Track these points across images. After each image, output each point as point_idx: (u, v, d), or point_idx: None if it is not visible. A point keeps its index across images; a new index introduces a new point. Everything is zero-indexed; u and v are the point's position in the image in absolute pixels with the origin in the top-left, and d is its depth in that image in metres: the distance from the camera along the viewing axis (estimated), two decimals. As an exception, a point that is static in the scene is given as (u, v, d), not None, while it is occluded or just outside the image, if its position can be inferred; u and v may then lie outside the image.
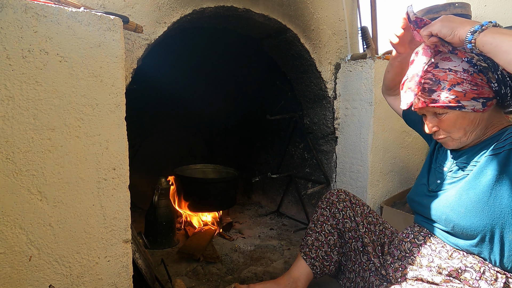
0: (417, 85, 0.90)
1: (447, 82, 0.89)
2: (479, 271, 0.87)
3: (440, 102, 0.89)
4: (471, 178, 0.90)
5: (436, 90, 0.90)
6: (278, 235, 1.97)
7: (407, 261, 1.00)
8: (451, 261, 0.91)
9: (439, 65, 0.90)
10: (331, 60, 1.84)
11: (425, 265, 0.95)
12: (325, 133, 1.93)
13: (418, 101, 0.93)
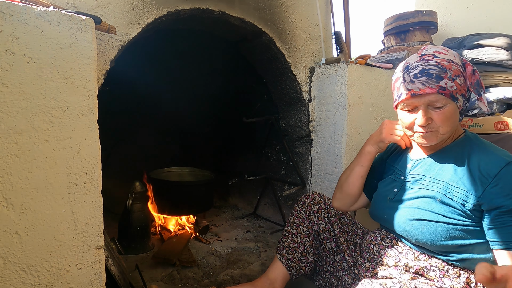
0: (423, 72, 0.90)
1: (452, 71, 0.91)
2: (443, 269, 0.92)
3: (448, 90, 0.90)
4: (430, 194, 0.94)
5: (443, 78, 0.90)
6: (255, 237, 1.97)
7: (376, 262, 1.04)
8: (417, 262, 0.95)
9: (439, 55, 0.93)
10: (306, 64, 1.87)
11: (392, 265, 0.99)
12: (300, 135, 1.95)
13: (424, 87, 0.90)
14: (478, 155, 0.92)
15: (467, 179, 0.90)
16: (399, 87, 0.97)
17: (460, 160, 0.94)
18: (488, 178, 0.86)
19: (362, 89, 1.79)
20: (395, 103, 1.01)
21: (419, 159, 1.04)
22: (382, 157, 1.20)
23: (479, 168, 0.89)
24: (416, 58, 0.96)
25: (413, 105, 0.95)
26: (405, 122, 0.98)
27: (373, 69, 1.85)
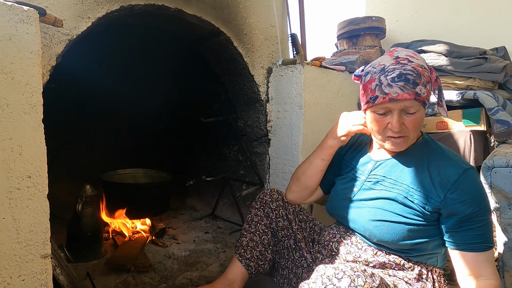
0: (401, 76, 0.88)
1: (424, 78, 0.91)
2: (399, 264, 0.98)
3: (421, 97, 0.90)
4: (392, 196, 0.97)
5: (419, 84, 0.89)
6: (213, 238, 1.95)
7: (335, 258, 1.07)
8: (376, 257, 1.00)
9: (413, 60, 0.91)
10: (264, 64, 1.89)
11: (351, 260, 1.02)
12: (258, 135, 1.97)
13: (402, 92, 0.88)
14: (437, 160, 0.95)
15: (427, 183, 0.93)
16: (374, 90, 0.93)
17: (420, 163, 0.97)
18: (447, 184, 0.90)
19: (317, 90, 1.85)
20: (366, 105, 0.97)
21: (380, 160, 1.05)
22: (340, 152, 1.19)
23: (439, 173, 0.92)
24: (390, 61, 0.93)
25: (387, 109, 0.92)
26: (377, 125, 0.96)
27: (328, 71, 1.92)
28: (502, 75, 1.87)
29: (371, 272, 0.79)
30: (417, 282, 0.95)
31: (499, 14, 2.24)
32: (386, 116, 0.94)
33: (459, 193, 0.89)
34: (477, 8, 2.32)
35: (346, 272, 0.77)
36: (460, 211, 0.88)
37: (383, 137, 0.97)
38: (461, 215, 0.88)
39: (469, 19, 2.35)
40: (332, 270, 0.78)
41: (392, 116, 0.92)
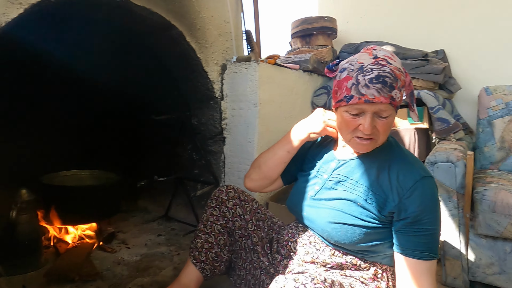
0: (379, 78, 0.85)
1: (400, 82, 0.88)
2: (356, 264, 0.99)
3: (396, 101, 0.88)
4: (352, 198, 0.96)
5: (395, 88, 0.86)
6: (167, 241, 1.88)
7: (293, 259, 1.06)
8: (333, 258, 1.00)
9: (391, 62, 0.88)
10: (218, 61, 1.85)
11: (310, 261, 1.02)
12: (213, 133, 1.92)
13: (379, 95, 0.85)
14: (398, 165, 0.94)
15: (386, 187, 0.93)
16: (350, 89, 0.89)
17: (382, 167, 0.96)
18: (404, 189, 0.90)
19: (272, 88, 1.85)
20: (340, 104, 0.93)
21: (344, 159, 1.04)
22: (304, 146, 1.16)
23: (398, 178, 0.92)
24: (369, 60, 0.89)
25: (360, 110, 0.90)
26: (348, 125, 0.93)
27: (282, 69, 1.93)
28: (442, 76, 2.00)
29: (331, 281, 0.78)
30: (372, 281, 0.98)
31: (439, 19, 2.40)
32: (358, 117, 0.91)
33: (413, 199, 0.89)
34: (420, 13, 2.47)
35: (307, 285, 0.75)
36: (409, 216, 0.89)
37: (351, 137, 0.95)
38: (409, 220, 0.89)
39: (413, 23, 2.50)
40: (292, 283, 0.76)
41: (365, 118, 0.89)
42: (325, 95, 2.21)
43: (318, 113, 1.09)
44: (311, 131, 1.09)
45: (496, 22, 2.22)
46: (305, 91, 2.16)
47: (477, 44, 2.28)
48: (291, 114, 2.03)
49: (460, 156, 1.46)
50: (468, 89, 2.27)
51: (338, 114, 0.98)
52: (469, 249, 1.50)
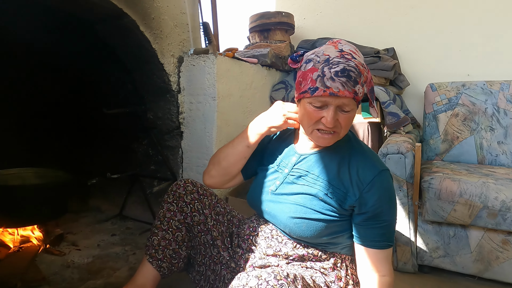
0: (344, 72, 0.86)
1: (363, 77, 0.89)
2: (317, 255, 1.01)
3: (358, 96, 0.88)
4: (313, 192, 0.97)
5: (358, 83, 0.87)
6: (121, 241, 1.79)
7: (254, 252, 1.05)
8: (295, 250, 1.01)
9: (356, 57, 0.89)
10: (174, 53, 1.79)
11: (272, 254, 1.02)
12: (170, 128, 1.86)
13: (343, 89, 0.85)
14: (357, 160, 0.96)
15: (346, 181, 0.95)
16: (315, 80, 0.88)
17: (342, 161, 0.97)
18: (364, 183, 0.92)
19: (231, 82, 1.83)
20: (304, 95, 0.92)
21: (305, 154, 1.04)
22: (264, 140, 1.15)
23: (358, 172, 0.94)
24: (335, 53, 0.89)
25: (324, 103, 0.89)
26: (311, 117, 0.92)
27: (241, 63, 1.91)
28: (392, 73, 2.11)
29: (293, 275, 0.78)
30: (332, 271, 1.00)
31: (390, 19, 2.52)
32: (321, 109, 0.91)
33: (372, 193, 0.92)
34: (372, 13, 2.58)
35: (270, 282, 0.74)
36: (369, 210, 0.92)
37: (313, 129, 0.95)
38: (370, 214, 0.92)
39: (365, 22, 2.60)
40: (255, 280, 0.75)
41: (328, 111, 0.89)
42: (283, 90, 2.23)
43: (278, 106, 1.07)
44: (271, 125, 1.07)
45: (441, 23, 2.38)
46: (263, 86, 2.16)
47: (424, 43, 2.43)
48: (249, 109, 2.03)
49: (409, 147, 1.55)
50: (415, 85, 2.42)
51: (300, 106, 0.97)
52: (417, 235, 1.59)
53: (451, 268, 1.55)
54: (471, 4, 2.29)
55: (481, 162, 1.98)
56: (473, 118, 2.03)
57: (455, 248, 1.53)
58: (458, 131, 2.04)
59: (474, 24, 2.29)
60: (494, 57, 2.26)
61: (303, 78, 0.93)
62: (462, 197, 1.45)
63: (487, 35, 2.27)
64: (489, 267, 1.48)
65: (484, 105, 2.02)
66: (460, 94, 2.08)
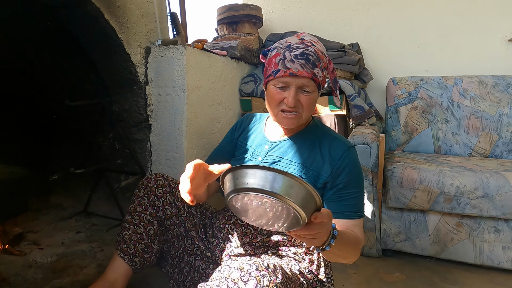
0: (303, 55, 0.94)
1: (323, 63, 0.97)
2: (291, 240, 1.03)
3: (318, 79, 0.96)
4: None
5: (317, 66, 0.96)
6: (87, 238, 1.73)
7: (231, 241, 1.06)
8: (271, 237, 1.03)
9: (315, 45, 0.97)
10: (141, 43, 1.74)
11: (247, 242, 1.04)
12: (137, 120, 1.81)
13: (302, 69, 0.94)
14: (327, 140, 1.04)
15: (319, 161, 1.01)
16: (278, 63, 0.97)
17: (313, 144, 1.04)
18: (335, 159, 1.00)
19: (200, 74, 1.81)
20: (268, 78, 1.01)
21: (276, 141, 1.09)
22: (232, 137, 1.22)
23: (329, 151, 1.02)
24: (296, 40, 0.99)
25: (286, 84, 0.97)
26: (275, 98, 1.00)
27: (210, 55, 1.89)
28: (357, 67, 2.18)
29: (273, 265, 0.81)
30: (306, 255, 1.04)
31: (354, 15, 2.60)
32: (284, 90, 0.98)
33: (343, 167, 1.00)
34: (337, 8, 2.65)
35: (252, 273, 0.76)
36: (341, 182, 0.99)
37: (277, 111, 1.02)
38: (341, 185, 0.99)
39: (331, 17, 2.67)
40: (238, 272, 0.76)
41: (290, 92, 0.97)
42: (252, 82, 2.24)
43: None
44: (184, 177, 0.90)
45: (401, 21, 2.50)
46: (232, 78, 2.16)
47: (386, 39, 2.54)
48: (219, 101, 2.02)
49: (374, 138, 1.62)
50: (378, 80, 2.52)
51: (267, 92, 1.05)
52: (381, 221, 1.68)
53: (412, 250, 1.65)
54: (427, 3, 2.42)
55: (437, 152, 2.12)
56: (430, 111, 2.16)
57: (415, 232, 1.63)
58: (417, 123, 2.17)
59: (431, 23, 2.43)
60: (449, 54, 2.42)
61: (268, 64, 1.03)
62: (421, 184, 1.55)
63: (442, 33, 2.42)
64: (445, 248, 1.60)
65: (440, 99, 2.16)
66: (419, 88, 2.20)
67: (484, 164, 1.72)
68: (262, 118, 1.22)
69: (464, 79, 2.15)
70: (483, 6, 2.31)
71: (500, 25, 2.29)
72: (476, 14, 2.33)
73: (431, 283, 1.46)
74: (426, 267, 1.60)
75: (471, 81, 2.13)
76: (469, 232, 1.55)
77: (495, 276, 1.51)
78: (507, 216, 1.45)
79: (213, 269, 1.09)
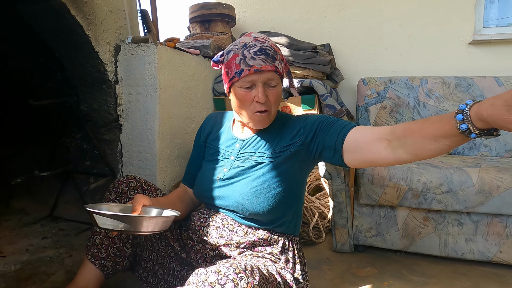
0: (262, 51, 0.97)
1: (279, 55, 1.00)
2: (267, 239, 1.04)
3: (280, 70, 0.99)
4: (261, 166, 1.03)
5: (276, 59, 0.98)
6: (54, 243, 1.65)
7: (206, 243, 1.05)
8: (246, 237, 1.03)
9: (268, 40, 1.01)
10: (110, 41, 1.68)
11: (223, 244, 1.03)
12: (107, 120, 1.75)
13: (265, 64, 0.96)
14: (290, 121, 1.08)
15: (288, 136, 1.04)
16: (239, 64, 0.98)
17: (281, 131, 1.07)
18: (301, 125, 1.03)
19: (173, 73, 1.78)
20: (232, 81, 1.00)
21: (246, 138, 1.10)
22: (199, 142, 1.24)
23: (293, 126, 1.05)
24: (250, 39, 1.01)
25: (252, 82, 0.98)
26: (246, 100, 1.00)
27: (182, 53, 1.87)
28: (329, 67, 2.23)
29: (250, 267, 0.80)
30: (281, 255, 1.05)
31: (325, 16, 2.65)
32: (251, 89, 0.99)
33: (310, 118, 1.04)
34: (309, 10, 2.68)
35: (230, 276, 0.75)
36: (316, 122, 1.00)
37: (251, 113, 1.02)
38: (318, 123, 1.00)
39: (303, 18, 2.70)
40: (215, 276, 0.75)
41: (257, 89, 0.98)
42: (226, 82, 2.23)
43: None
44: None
45: (371, 23, 2.57)
46: (205, 78, 2.14)
47: (356, 40, 2.61)
48: (192, 100, 1.99)
49: (345, 137, 1.66)
50: (349, 80, 2.59)
51: (232, 96, 1.04)
52: (354, 218, 1.73)
53: (382, 245, 1.71)
54: (394, 7, 2.51)
55: (405, 149, 2.21)
56: (398, 110, 2.25)
57: (385, 227, 1.69)
58: (386, 122, 2.24)
59: (397, 25, 2.52)
60: (415, 55, 2.52)
61: (228, 67, 1.03)
62: (391, 181, 1.61)
63: (408, 35, 2.51)
64: (413, 242, 1.66)
65: (407, 98, 2.25)
66: (388, 88, 2.28)
67: (448, 160, 1.80)
68: (227, 117, 1.24)
69: (429, 79, 2.25)
70: (446, 11, 2.42)
71: (461, 29, 2.42)
72: (439, 18, 2.44)
73: (400, 275, 1.52)
74: (395, 261, 1.66)
75: (435, 81, 2.24)
76: (435, 226, 1.62)
77: (459, 266, 1.60)
78: (469, 210, 1.53)
79: (188, 271, 1.08)
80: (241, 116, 1.05)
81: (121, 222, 0.84)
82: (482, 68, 2.37)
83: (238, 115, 1.08)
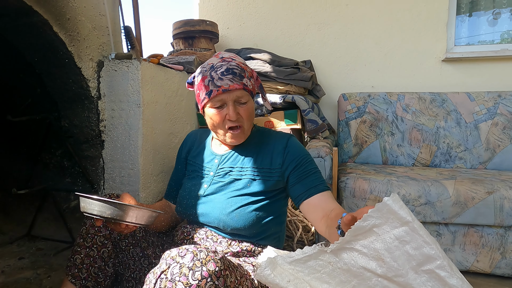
0: (229, 70, 1.00)
1: (248, 72, 1.03)
2: (250, 251, 1.05)
3: (249, 88, 1.02)
4: (240, 182, 1.05)
5: (244, 77, 1.01)
6: (32, 264, 1.60)
7: None
8: (230, 248, 1.04)
9: (235, 59, 1.04)
10: (93, 57, 1.68)
11: None
12: (89, 136, 1.73)
13: (232, 83, 0.99)
14: (269, 138, 1.11)
15: (267, 159, 1.07)
16: (208, 85, 1.02)
17: (259, 146, 1.10)
18: (281, 149, 1.07)
19: (156, 88, 1.78)
20: (203, 102, 1.05)
21: (224, 153, 1.13)
22: (180, 157, 1.26)
23: (274, 146, 1.08)
24: (217, 60, 1.04)
25: (222, 101, 1.02)
26: (218, 118, 1.04)
27: (166, 69, 1.88)
28: (310, 83, 2.29)
29: (215, 248, 0.83)
30: None
31: (306, 34, 2.73)
32: (222, 108, 1.03)
33: (291, 153, 1.06)
34: (291, 27, 2.76)
35: (189, 249, 0.78)
36: (294, 160, 1.05)
37: (224, 131, 1.06)
38: (295, 163, 1.05)
39: (285, 34, 2.77)
40: (176, 250, 0.79)
41: (228, 107, 1.02)
42: (209, 97, 2.25)
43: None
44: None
45: (349, 40, 2.67)
46: (189, 93, 2.15)
47: (336, 57, 2.69)
48: (176, 116, 2.00)
49: (328, 151, 1.70)
50: (330, 95, 2.66)
51: (206, 115, 1.09)
52: (336, 231, 1.75)
53: (365, 258, 1.73)
54: (371, 24, 2.62)
55: (385, 162, 2.27)
56: (377, 124, 2.32)
57: (367, 240, 1.72)
58: (366, 135, 2.31)
59: (375, 42, 2.63)
60: (392, 71, 2.62)
61: (199, 89, 1.07)
62: (372, 194, 1.65)
63: (385, 52, 2.62)
64: (395, 254, 1.70)
65: (386, 113, 2.32)
66: (367, 104, 2.35)
67: (425, 173, 1.86)
68: (207, 134, 1.28)
69: (406, 95, 2.34)
70: (420, 29, 2.55)
71: (434, 47, 2.54)
72: (414, 37, 2.56)
73: (383, 288, 1.54)
74: (378, 273, 1.68)
75: (412, 97, 2.32)
76: (415, 237, 1.66)
77: (439, 277, 1.64)
78: (447, 221, 1.58)
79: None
80: (217, 134, 1.10)
81: (108, 209, 0.85)
82: (455, 84, 2.49)
83: (215, 133, 1.12)
